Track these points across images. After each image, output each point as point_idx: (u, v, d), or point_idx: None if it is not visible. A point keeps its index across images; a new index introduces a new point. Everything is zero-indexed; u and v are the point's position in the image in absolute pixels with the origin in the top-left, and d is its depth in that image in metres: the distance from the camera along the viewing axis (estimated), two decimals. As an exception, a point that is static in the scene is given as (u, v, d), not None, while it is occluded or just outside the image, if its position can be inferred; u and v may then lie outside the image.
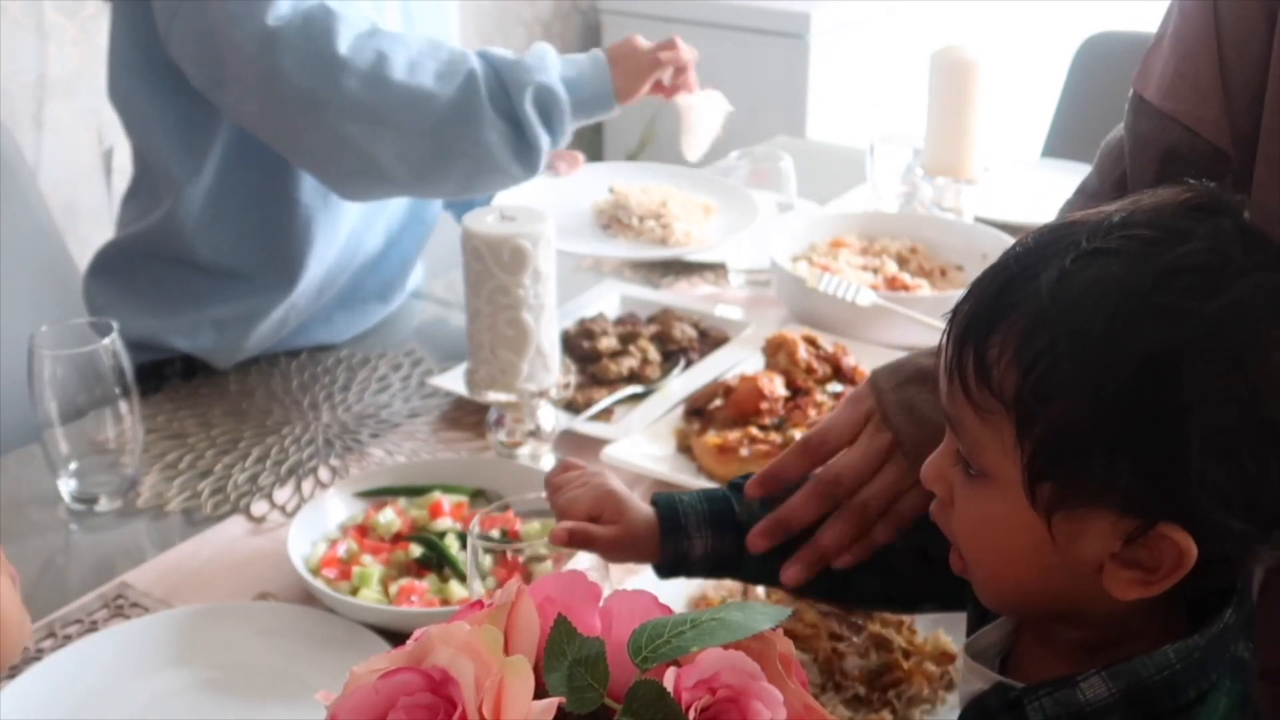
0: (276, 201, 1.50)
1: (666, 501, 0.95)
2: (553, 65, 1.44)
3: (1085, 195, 1.04)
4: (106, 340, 1.24)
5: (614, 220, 1.78)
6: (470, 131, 1.39)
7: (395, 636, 1.06)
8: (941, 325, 0.78)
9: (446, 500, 1.22)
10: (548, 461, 1.33)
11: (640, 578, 1.15)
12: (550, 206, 1.68)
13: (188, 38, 1.39)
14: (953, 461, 0.73)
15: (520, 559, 1.16)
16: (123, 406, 1.27)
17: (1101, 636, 0.71)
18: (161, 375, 1.57)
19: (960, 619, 1.08)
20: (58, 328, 1.26)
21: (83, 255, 1.77)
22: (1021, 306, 0.66)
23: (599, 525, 0.94)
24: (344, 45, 1.35)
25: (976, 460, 0.70)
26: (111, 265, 1.59)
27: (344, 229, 1.56)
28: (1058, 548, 0.67)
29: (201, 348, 1.55)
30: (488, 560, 1.01)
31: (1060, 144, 2.40)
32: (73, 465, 1.28)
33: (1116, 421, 0.63)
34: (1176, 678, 0.67)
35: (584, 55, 1.50)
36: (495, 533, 1.19)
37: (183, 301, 1.55)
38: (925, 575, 0.89)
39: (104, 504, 1.29)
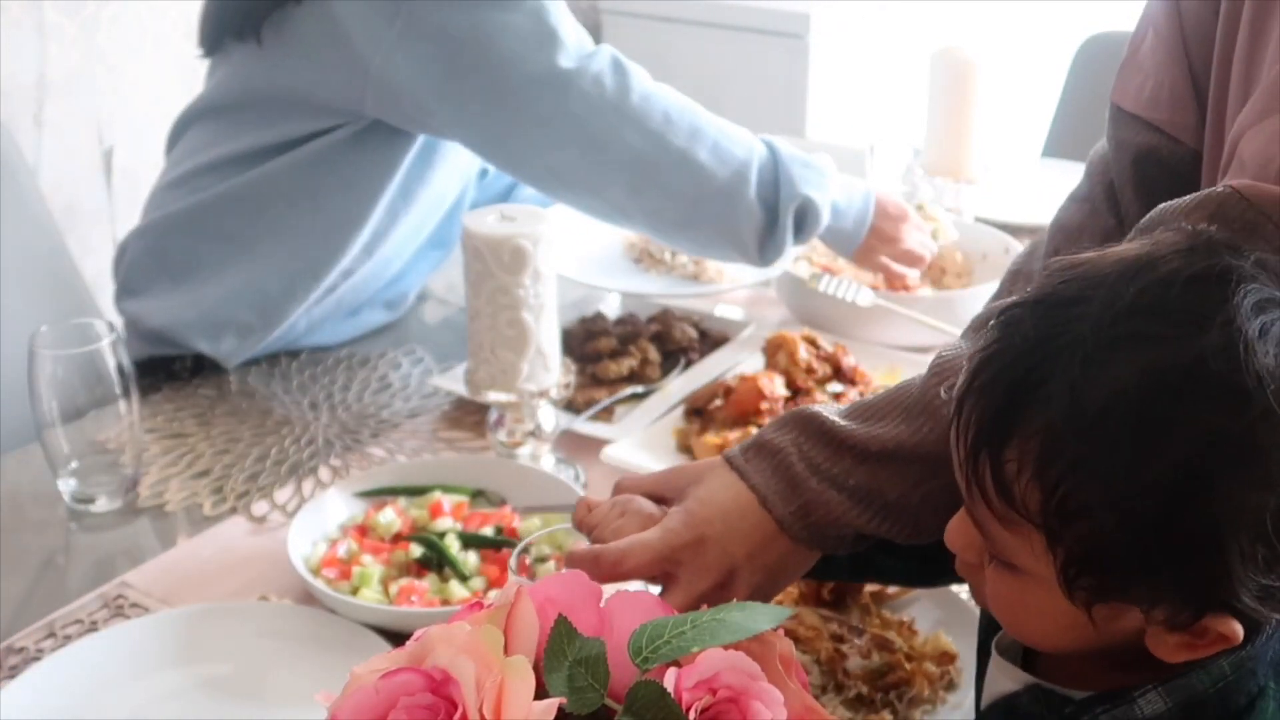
0: (326, 198, 1.51)
1: None
2: (829, 185, 1.51)
3: (1077, 201, 1.04)
4: (106, 340, 1.24)
5: (645, 254, 1.79)
6: (727, 213, 1.45)
7: (395, 637, 1.06)
8: (941, 326, 0.79)
9: (446, 500, 1.22)
10: (548, 462, 1.33)
11: (640, 578, 1.15)
12: (582, 240, 1.70)
13: (413, 67, 1.39)
14: (981, 537, 0.70)
15: (528, 560, 1.16)
16: (122, 406, 1.26)
17: (1139, 654, 0.69)
18: (170, 371, 1.57)
19: (962, 621, 1.08)
20: (58, 328, 1.26)
21: (83, 255, 1.77)
22: (1035, 419, 0.63)
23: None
24: (637, 97, 1.40)
25: (1005, 558, 0.68)
26: (148, 243, 1.58)
27: (379, 248, 1.57)
28: (1097, 628, 0.66)
29: (222, 351, 1.55)
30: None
31: (1060, 144, 2.40)
32: (73, 465, 1.28)
33: (1149, 539, 0.61)
34: (1229, 688, 0.67)
35: (860, 191, 1.57)
36: (489, 530, 1.20)
37: (215, 281, 1.54)
38: (941, 557, 0.83)
39: (103, 504, 1.29)
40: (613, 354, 1.52)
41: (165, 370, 1.57)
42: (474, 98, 1.40)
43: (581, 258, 1.72)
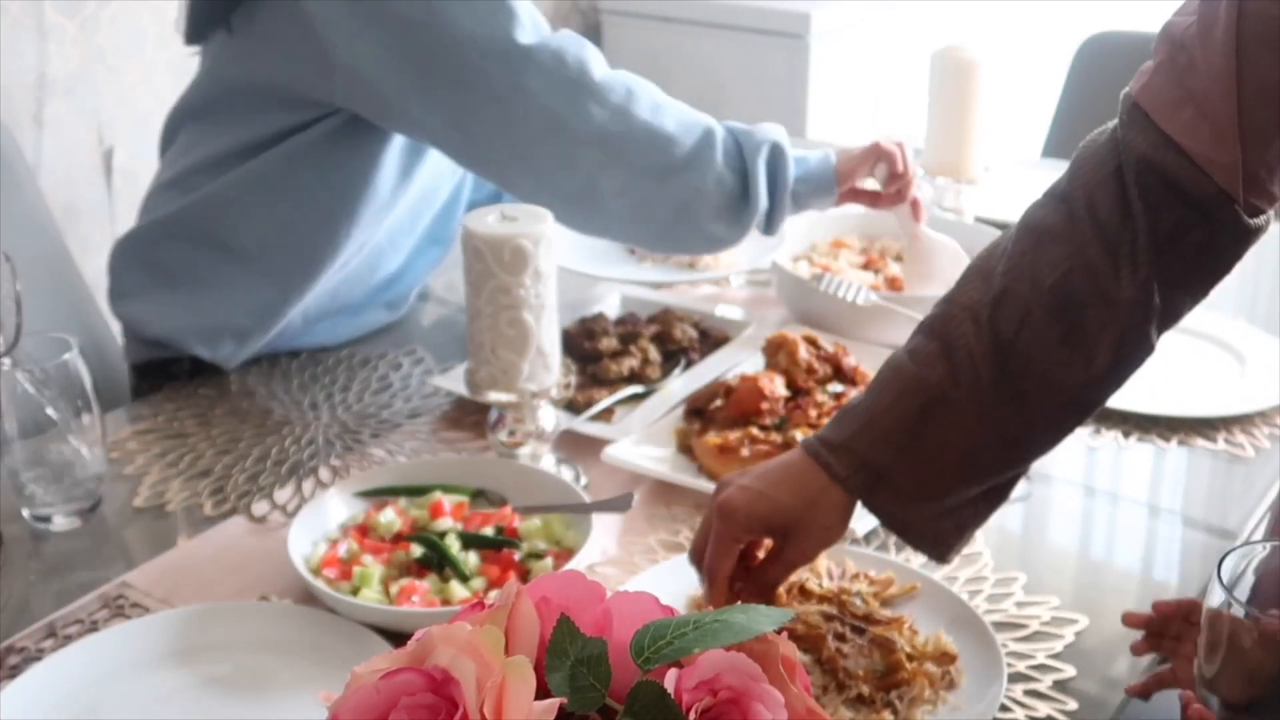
0: (309, 196, 1.50)
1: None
2: (787, 139, 1.49)
3: (1054, 198, 1.02)
4: (68, 355, 1.22)
5: None
6: (695, 179, 1.43)
7: (396, 637, 1.06)
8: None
9: (447, 500, 1.22)
10: (548, 462, 1.33)
11: (641, 578, 1.15)
12: (576, 234, 1.68)
13: (375, 54, 1.38)
14: None
15: (516, 556, 1.16)
16: (85, 420, 1.24)
17: None
18: (169, 374, 1.57)
19: (962, 621, 1.08)
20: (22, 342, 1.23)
21: (83, 255, 1.77)
22: None
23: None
24: (599, 74, 1.40)
25: None
26: (139, 250, 1.58)
27: (369, 241, 1.57)
28: None
29: (220, 356, 1.55)
30: None
31: (1060, 144, 2.40)
32: (33, 481, 1.25)
33: None
34: None
35: (814, 151, 1.55)
36: (489, 530, 1.20)
37: (208, 286, 1.54)
38: None
39: (60, 523, 1.26)
40: (613, 354, 1.52)
41: (164, 372, 1.57)
42: (435, 81, 1.39)
43: (575, 249, 1.71)
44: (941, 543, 1.03)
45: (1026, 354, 0.98)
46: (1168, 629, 1.02)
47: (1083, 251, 0.97)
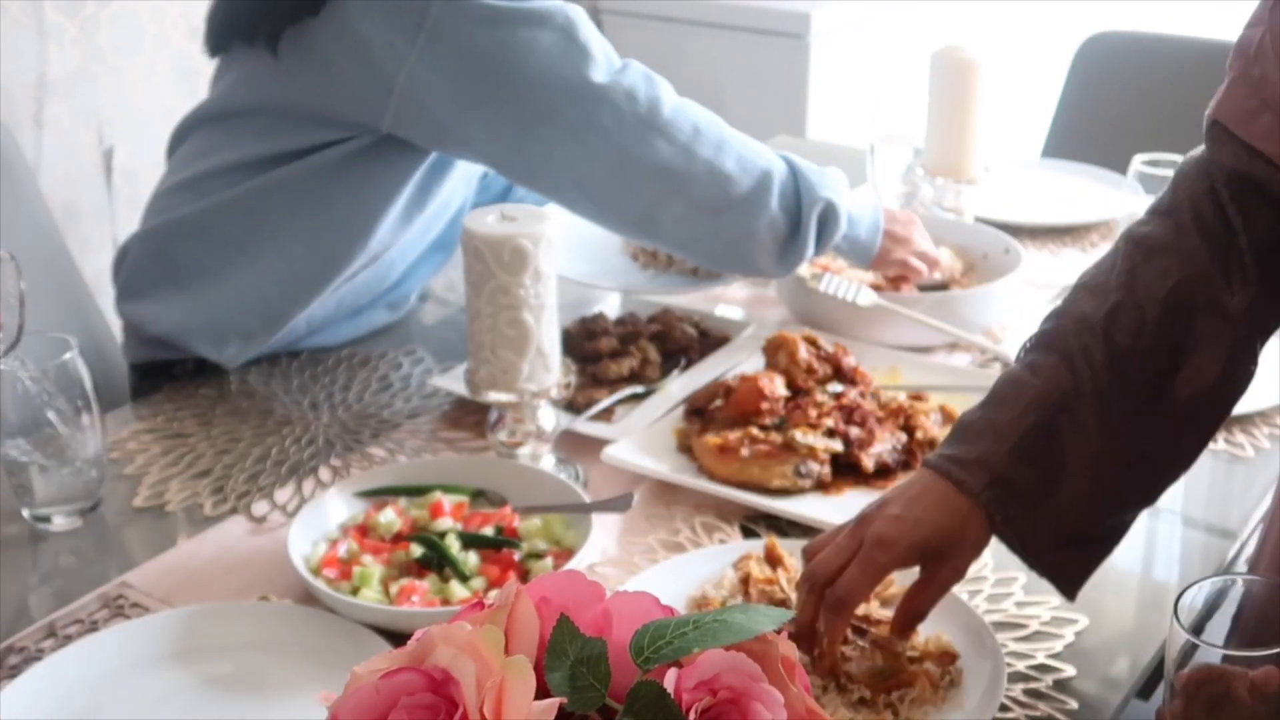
0: (332, 208, 1.50)
1: None
2: (845, 195, 1.52)
3: (1159, 215, 1.04)
4: (68, 355, 1.22)
5: (642, 252, 1.79)
6: (750, 219, 1.46)
7: (396, 637, 1.06)
8: (941, 326, 0.79)
9: (447, 500, 1.22)
10: (548, 462, 1.33)
11: (641, 578, 1.15)
12: (580, 240, 1.69)
13: (438, 84, 1.38)
14: None
15: (516, 556, 1.16)
16: (85, 419, 1.24)
17: None
18: (170, 374, 1.57)
19: (962, 621, 1.08)
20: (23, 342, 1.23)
21: (83, 255, 1.77)
22: None
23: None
24: (667, 110, 1.41)
25: None
26: (151, 248, 1.57)
27: (382, 253, 1.57)
28: None
29: (225, 357, 1.55)
30: None
31: (1060, 144, 2.40)
32: (33, 481, 1.24)
33: None
34: None
35: (869, 204, 1.60)
36: (489, 530, 1.19)
37: (217, 287, 1.53)
38: None
39: (60, 523, 1.26)
40: (613, 354, 1.52)
41: (166, 373, 1.57)
42: (503, 114, 1.39)
43: (579, 258, 1.72)
44: (1070, 576, 1.03)
45: (1142, 364, 0.99)
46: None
47: (1192, 260, 0.99)
